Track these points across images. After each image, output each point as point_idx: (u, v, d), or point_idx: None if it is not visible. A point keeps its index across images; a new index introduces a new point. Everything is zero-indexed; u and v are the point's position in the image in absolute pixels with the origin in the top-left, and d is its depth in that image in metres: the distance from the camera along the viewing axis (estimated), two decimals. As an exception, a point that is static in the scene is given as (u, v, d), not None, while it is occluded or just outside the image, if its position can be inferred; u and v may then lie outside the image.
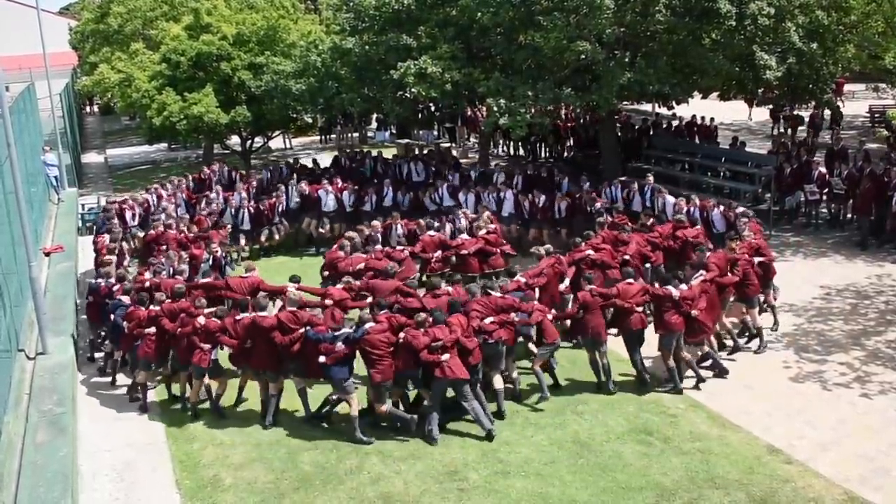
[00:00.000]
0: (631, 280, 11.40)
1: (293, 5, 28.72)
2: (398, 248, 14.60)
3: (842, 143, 20.72)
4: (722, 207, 15.23)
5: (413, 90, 18.69)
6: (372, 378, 10.21)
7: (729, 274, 11.92)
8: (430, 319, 10.35)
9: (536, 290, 12.15)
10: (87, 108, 51.07)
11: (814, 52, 18.91)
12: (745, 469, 9.23)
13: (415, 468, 9.53)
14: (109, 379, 12.35)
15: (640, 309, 11.20)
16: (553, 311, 11.52)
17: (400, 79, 18.38)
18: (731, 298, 12.20)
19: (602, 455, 9.65)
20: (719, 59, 17.93)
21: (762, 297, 12.81)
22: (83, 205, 22.42)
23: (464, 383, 10.08)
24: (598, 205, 16.53)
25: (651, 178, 17.29)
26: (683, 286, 11.18)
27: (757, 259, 12.38)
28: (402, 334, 10.20)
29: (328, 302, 11.83)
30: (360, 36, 20.45)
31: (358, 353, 10.30)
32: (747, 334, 12.49)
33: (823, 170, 18.35)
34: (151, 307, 11.46)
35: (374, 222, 16.27)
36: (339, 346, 10.19)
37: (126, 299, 12.06)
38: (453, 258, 14.54)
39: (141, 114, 26.07)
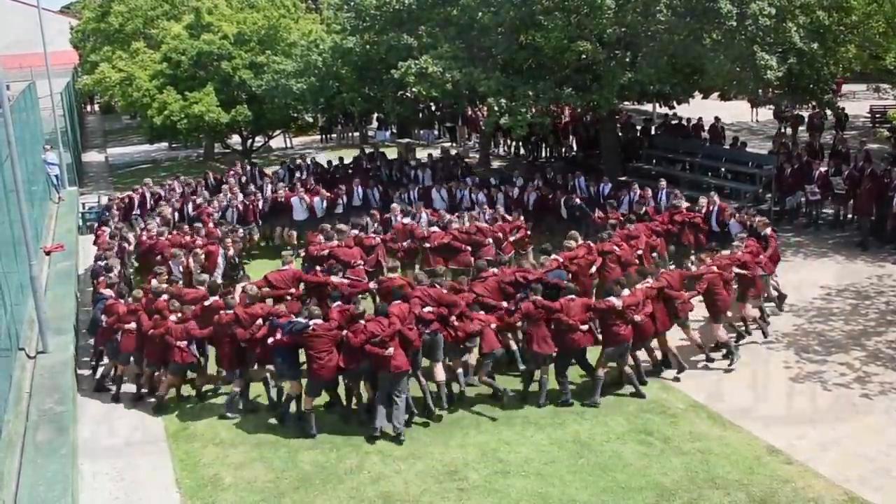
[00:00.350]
0: (573, 297, 11.04)
1: (294, 4, 28.75)
2: (370, 235, 14.62)
3: (843, 144, 20.67)
4: (738, 214, 14.95)
5: (414, 90, 18.70)
6: (310, 374, 10.30)
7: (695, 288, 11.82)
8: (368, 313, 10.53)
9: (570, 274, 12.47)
10: (88, 107, 51.09)
11: (815, 53, 18.89)
12: (746, 469, 9.23)
13: (415, 468, 9.53)
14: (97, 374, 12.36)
15: (584, 327, 10.82)
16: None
17: (401, 78, 18.37)
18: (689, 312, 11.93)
19: (602, 455, 9.65)
20: (720, 59, 17.91)
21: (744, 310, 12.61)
22: (84, 204, 22.44)
23: (404, 375, 10.12)
24: (577, 200, 17.14)
25: (664, 183, 17.29)
26: (626, 292, 11.03)
27: (737, 270, 12.12)
28: (344, 332, 10.24)
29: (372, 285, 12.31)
30: (360, 35, 20.46)
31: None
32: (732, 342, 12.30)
33: (824, 170, 18.33)
34: (130, 302, 11.64)
35: (394, 204, 16.30)
36: (270, 340, 10.43)
37: (108, 292, 12.13)
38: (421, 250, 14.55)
39: (142, 113, 26.10)
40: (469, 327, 10.75)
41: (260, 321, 10.73)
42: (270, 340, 10.46)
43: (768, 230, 13.70)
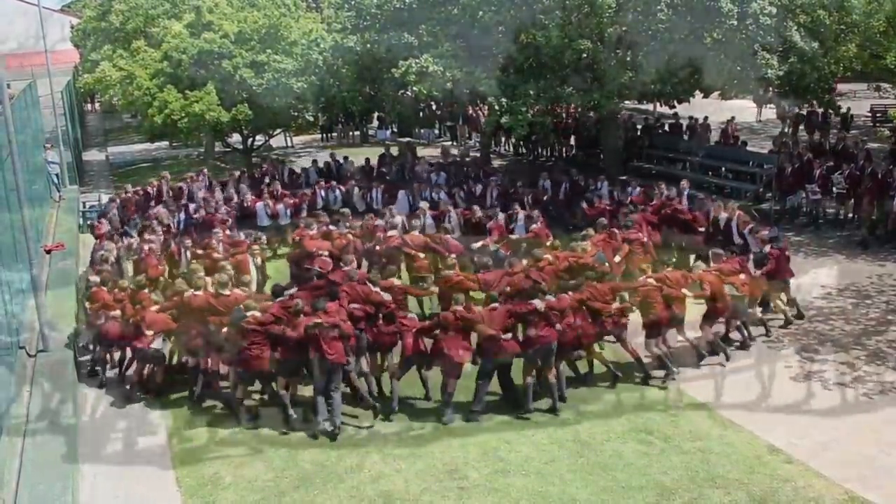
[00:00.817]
0: (496, 305, 10.88)
1: (295, 3, 28.67)
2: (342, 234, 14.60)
3: (854, 146, 20.59)
4: (751, 227, 14.27)
5: (414, 89, 18.75)
6: (241, 363, 10.41)
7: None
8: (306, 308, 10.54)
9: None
10: (89, 106, 51.05)
11: (815, 52, 18.90)
12: (746, 468, 9.22)
13: (415, 466, 9.53)
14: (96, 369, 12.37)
15: (507, 336, 10.53)
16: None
17: (401, 77, 18.41)
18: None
19: (602, 454, 9.65)
20: (721, 58, 17.92)
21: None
22: (84, 203, 22.44)
23: (339, 368, 10.18)
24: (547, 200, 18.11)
25: (685, 184, 17.23)
26: (550, 297, 10.82)
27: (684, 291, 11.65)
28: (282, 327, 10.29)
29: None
30: (361, 34, 20.48)
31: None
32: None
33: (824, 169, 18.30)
34: (116, 291, 11.78)
35: (423, 203, 16.65)
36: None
37: (95, 279, 12.33)
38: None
39: (142, 111, 26.08)
40: (390, 329, 10.83)
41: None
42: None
43: (767, 247, 12.99)
